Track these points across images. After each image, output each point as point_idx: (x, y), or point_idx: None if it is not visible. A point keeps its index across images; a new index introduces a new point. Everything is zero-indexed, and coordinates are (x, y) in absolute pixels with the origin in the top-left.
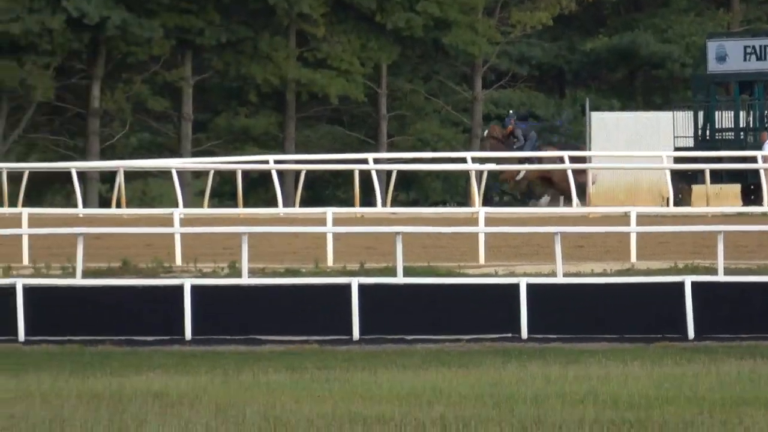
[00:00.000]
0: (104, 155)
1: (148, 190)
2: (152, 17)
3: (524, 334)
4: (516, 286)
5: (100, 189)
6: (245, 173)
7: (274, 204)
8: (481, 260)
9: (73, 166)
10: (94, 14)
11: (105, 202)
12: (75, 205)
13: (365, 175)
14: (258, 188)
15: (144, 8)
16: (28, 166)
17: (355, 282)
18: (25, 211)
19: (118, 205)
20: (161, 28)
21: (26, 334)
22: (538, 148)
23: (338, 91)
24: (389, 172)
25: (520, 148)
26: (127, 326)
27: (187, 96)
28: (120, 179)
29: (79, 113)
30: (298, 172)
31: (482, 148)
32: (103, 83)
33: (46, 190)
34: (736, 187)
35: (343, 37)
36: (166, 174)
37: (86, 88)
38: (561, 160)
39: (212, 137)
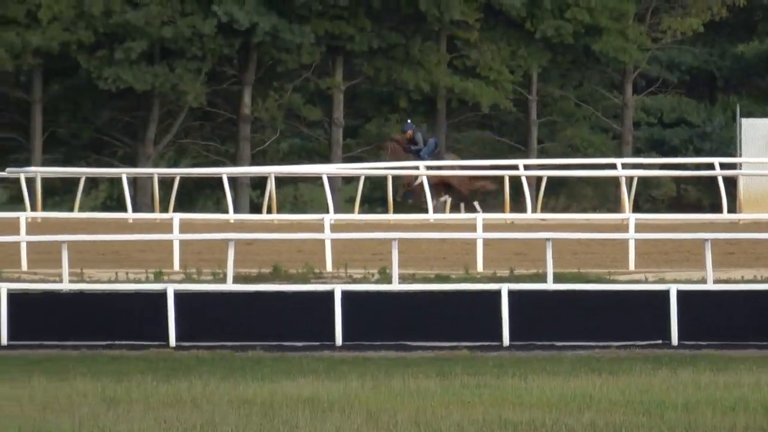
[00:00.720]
0: (255, 161)
1: (299, 195)
2: (303, 23)
3: (674, 340)
4: (666, 293)
5: (251, 194)
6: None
7: (424, 210)
8: (631, 267)
9: (224, 172)
10: (244, 20)
11: (256, 208)
12: (226, 211)
13: (515, 181)
14: None
15: (295, 14)
16: (179, 171)
17: (505, 288)
18: (177, 217)
19: (269, 211)
20: (312, 34)
21: (177, 339)
22: (438, 153)
23: (489, 101)
24: (539, 178)
25: (418, 152)
26: (278, 332)
27: (338, 102)
28: (271, 185)
29: (230, 119)
30: None
31: (383, 151)
32: (254, 89)
33: (198, 195)
34: None
35: (492, 45)
36: (316, 179)
37: (237, 93)
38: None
39: (362, 143)
